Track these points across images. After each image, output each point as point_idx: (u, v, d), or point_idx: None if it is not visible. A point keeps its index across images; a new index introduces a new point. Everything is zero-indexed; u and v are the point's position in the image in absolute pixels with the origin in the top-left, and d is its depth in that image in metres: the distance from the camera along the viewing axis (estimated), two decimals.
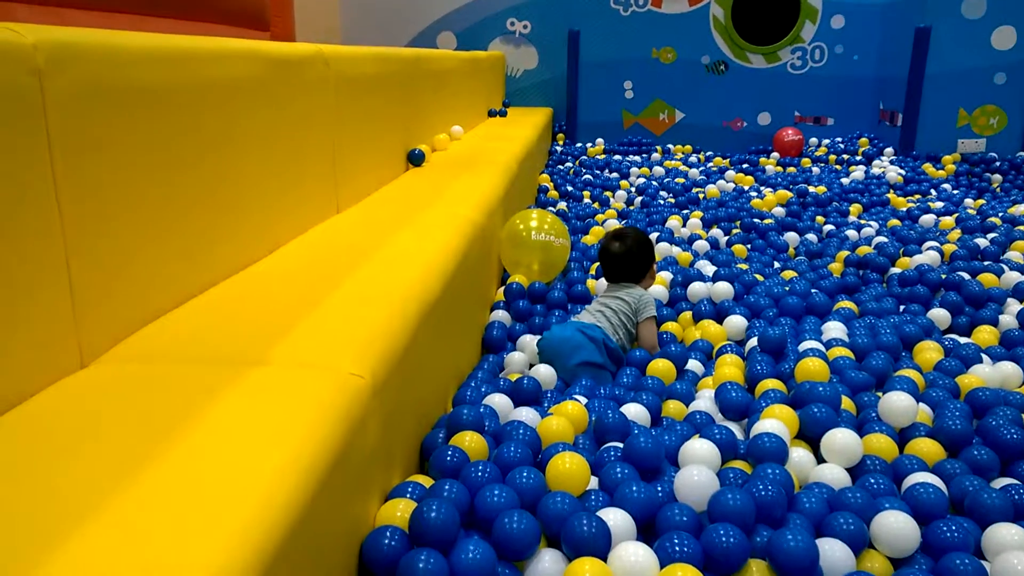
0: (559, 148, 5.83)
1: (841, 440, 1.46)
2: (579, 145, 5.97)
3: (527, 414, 1.61)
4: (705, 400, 1.79)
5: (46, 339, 1.04)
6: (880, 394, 1.70)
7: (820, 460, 1.50)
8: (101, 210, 1.15)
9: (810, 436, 1.55)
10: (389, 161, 2.84)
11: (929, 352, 1.99)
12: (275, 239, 1.81)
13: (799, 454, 1.47)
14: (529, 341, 2.14)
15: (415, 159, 3.03)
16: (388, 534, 1.12)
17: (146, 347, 1.20)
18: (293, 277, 1.60)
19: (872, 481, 1.39)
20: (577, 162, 5.34)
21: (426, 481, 1.32)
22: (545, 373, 1.91)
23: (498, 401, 1.67)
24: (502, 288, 2.51)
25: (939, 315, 2.29)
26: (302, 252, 1.80)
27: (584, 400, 1.74)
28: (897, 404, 1.59)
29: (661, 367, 1.90)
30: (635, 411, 1.66)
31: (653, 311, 2.16)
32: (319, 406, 1.03)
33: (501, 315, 2.33)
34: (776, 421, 1.52)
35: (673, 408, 1.75)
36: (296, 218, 1.94)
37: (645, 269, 2.26)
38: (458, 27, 6.46)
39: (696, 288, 2.47)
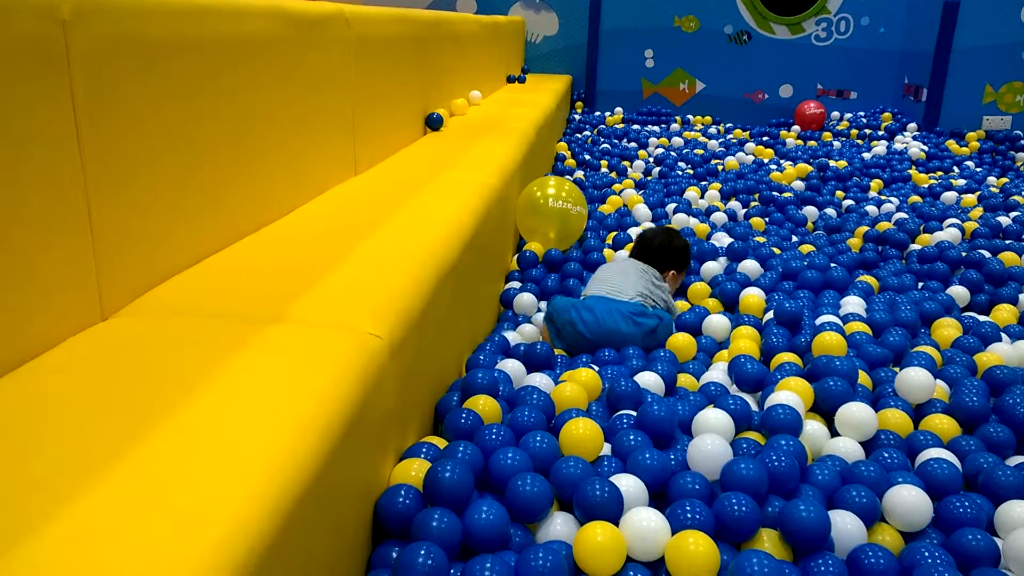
0: (577, 116, 5.77)
1: (856, 414, 1.46)
2: (598, 114, 5.90)
3: (540, 379, 1.61)
4: (719, 371, 1.78)
5: (68, 291, 1.05)
6: (897, 369, 1.69)
7: (834, 433, 1.50)
8: (123, 164, 1.15)
9: (825, 410, 1.55)
10: (407, 124, 2.82)
11: (947, 329, 1.98)
12: (294, 198, 1.80)
13: (813, 427, 1.47)
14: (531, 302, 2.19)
15: (433, 123, 3.01)
16: (403, 493, 1.13)
17: (166, 301, 1.21)
18: (312, 236, 1.60)
19: (886, 455, 1.39)
20: (595, 131, 5.28)
21: (440, 443, 1.33)
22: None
23: (512, 366, 1.68)
24: (516, 256, 2.51)
25: (958, 292, 2.27)
26: (321, 212, 1.80)
27: (597, 368, 1.74)
28: (914, 380, 1.58)
29: (681, 341, 1.89)
30: (649, 379, 1.65)
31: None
32: (337, 364, 1.04)
33: (516, 284, 2.33)
34: (791, 393, 1.52)
35: (686, 379, 1.75)
36: (315, 178, 1.94)
37: (672, 265, 2.27)
38: None
39: (710, 267, 2.46)
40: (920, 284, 2.42)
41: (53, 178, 1.00)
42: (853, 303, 2.14)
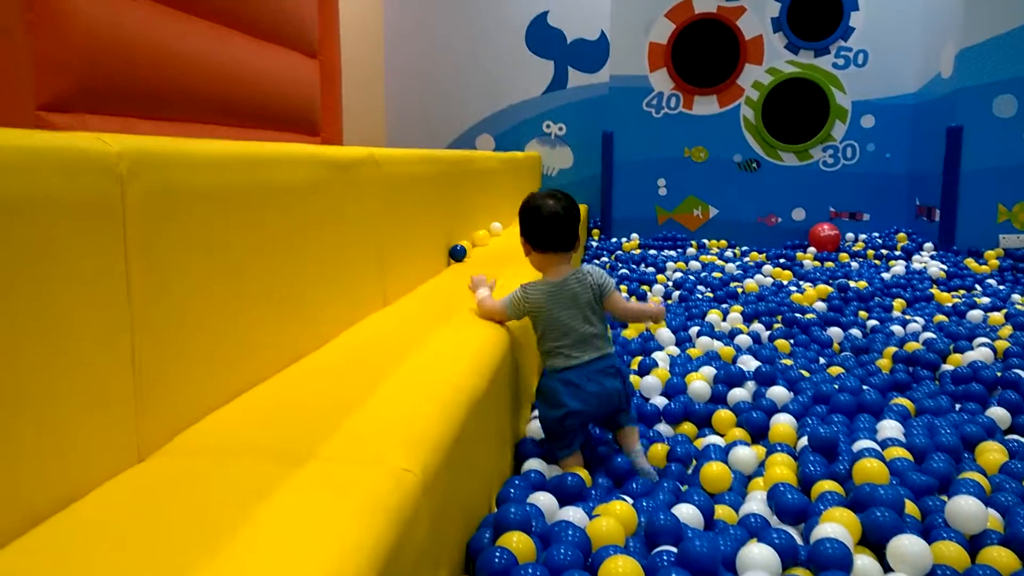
0: (595, 243, 5.90)
1: (909, 547, 1.39)
2: (614, 240, 6.03)
3: (574, 514, 1.57)
4: (758, 502, 1.72)
5: (108, 434, 1.05)
6: (945, 498, 1.63)
7: (886, 568, 1.42)
8: (169, 308, 1.18)
9: (873, 542, 1.48)
10: (432, 256, 2.89)
11: (992, 453, 1.91)
12: (326, 332, 1.83)
13: (864, 562, 1.40)
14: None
15: (457, 255, 3.09)
16: None
17: (202, 440, 1.21)
18: (343, 370, 1.61)
19: None
20: (613, 256, 5.38)
21: None
22: None
23: (543, 500, 1.63)
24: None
25: (998, 414, 2.21)
26: (352, 345, 1.82)
27: (631, 500, 1.69)
28: (965, 509, 1.51)
29: (715, 470, 1.84)
30: (687, 512, 1.60)
31: (612, 280, 2.00)
32: (371, 503, 1.02)
33: None
34: (837, 525, 1.46)
35: (724, 511, 1.69)
36: (346, 311, 1.97)
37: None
38: (496, 130, 6.70)
39: (737, 392, 2.43)
40: (957, 406, 2.36)
41: (103, 326, 1.03)
42: (890, 427, 2.08)
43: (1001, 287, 4.31)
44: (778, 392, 2.41)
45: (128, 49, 2.39)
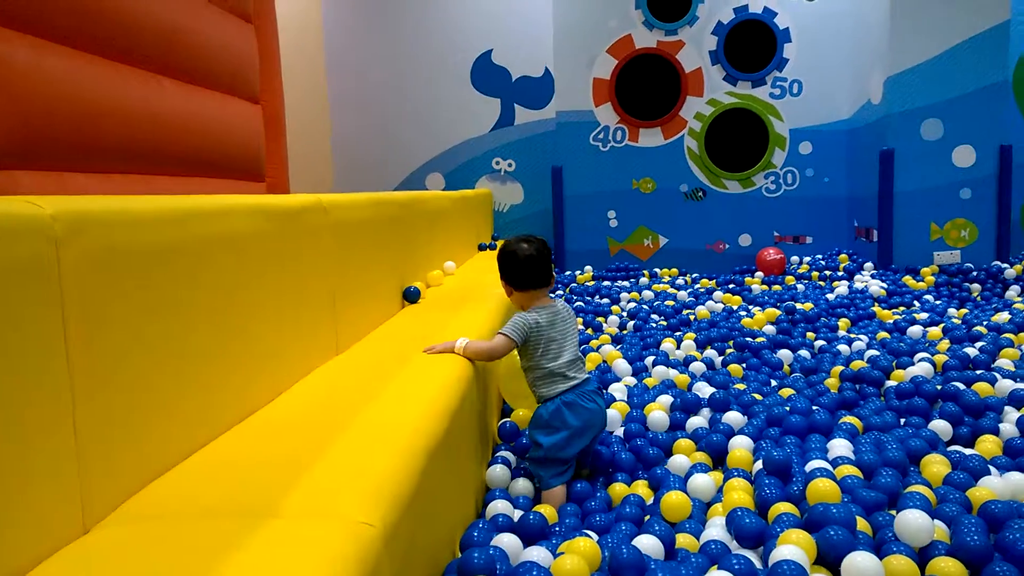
0: None
1: (862, 564, 1.43)
2: (568, 273, 6.10)
3: (538, 553, 1.57)
4: (718, 528, 1.75)
5: (50, 506, 1.03)
6: (894, 512, 1.68)
7: None
8: (110, 370, 1.16)
9: (830, 560, 1.52)
10: (386, 299, 2.89)
11: (936, 466, 1.98)
12: (278, 385, 1.81)
13: None
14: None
15: (411, 296, 3.10)
16: None
17: (151, 505, 1.18)
18: (298, 422, 1.60)
19: None
20: (567, 289, 5.44)
21: None
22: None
23: (506, 541, 1.63)
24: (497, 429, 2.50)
25: (940, 427, 2.30)
26: (305, 396, 1.80)
27: (595, 536, 1.70)
28: (913, 523, 1.57)
29: (675, 500, 1.86)
30: (648, 543, 1.62)
31: None
32: (331, 560, 1.01)
33: (508, 455, 2.31)
34: (793, 547, 1.49)
35: (686, 539, 1.71)
36: (298, 361, 1.96)
37: None
38: (446, 168, 6.77)
39: (694, 420, 2.47)
40: (902, 420, 2.44)
41: (41, 392, 1.01)
42: (840, 446, 2.14)
43: (938, 302, 4.48)
44: (733, 417, 2.46)
45: (59, 102, 2.30)
